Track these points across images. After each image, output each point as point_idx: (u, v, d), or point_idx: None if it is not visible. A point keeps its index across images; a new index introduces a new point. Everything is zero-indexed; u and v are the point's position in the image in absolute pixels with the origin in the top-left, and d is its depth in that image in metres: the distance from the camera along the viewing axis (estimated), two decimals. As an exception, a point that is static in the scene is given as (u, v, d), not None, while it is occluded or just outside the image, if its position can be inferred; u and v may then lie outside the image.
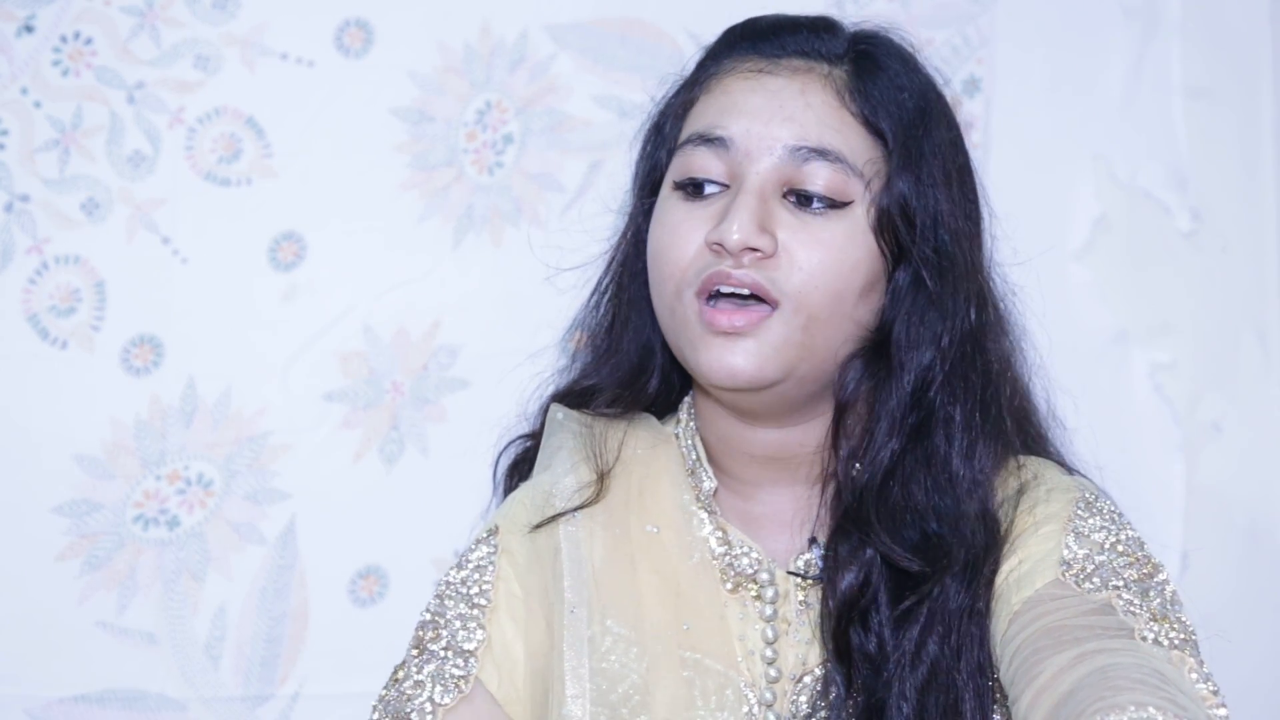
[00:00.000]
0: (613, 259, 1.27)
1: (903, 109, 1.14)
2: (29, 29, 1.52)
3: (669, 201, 1.16)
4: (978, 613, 1.10)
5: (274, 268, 1.59)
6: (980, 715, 1.10)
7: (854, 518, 1.13)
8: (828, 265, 1.10)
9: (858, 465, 1.14)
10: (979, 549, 1.11)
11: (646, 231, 1.19)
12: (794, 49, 1.16)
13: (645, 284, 1.20)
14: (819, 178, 1.11)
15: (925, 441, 1.13)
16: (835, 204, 1.11)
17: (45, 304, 1.54)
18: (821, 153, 1.11)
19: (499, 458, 1.31)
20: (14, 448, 1.53)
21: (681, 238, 1.13)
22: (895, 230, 1.12)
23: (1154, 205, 1.77)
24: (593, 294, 1.29)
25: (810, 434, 1.17)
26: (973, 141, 1.72)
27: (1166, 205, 1.77)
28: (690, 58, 1.24)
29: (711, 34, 1.24)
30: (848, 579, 1.12)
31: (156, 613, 1.56)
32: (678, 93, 1.22)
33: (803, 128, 1.12)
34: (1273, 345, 1.79)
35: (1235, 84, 1.79)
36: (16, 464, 1.53)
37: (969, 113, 1.73)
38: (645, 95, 1.26)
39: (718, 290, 1.11)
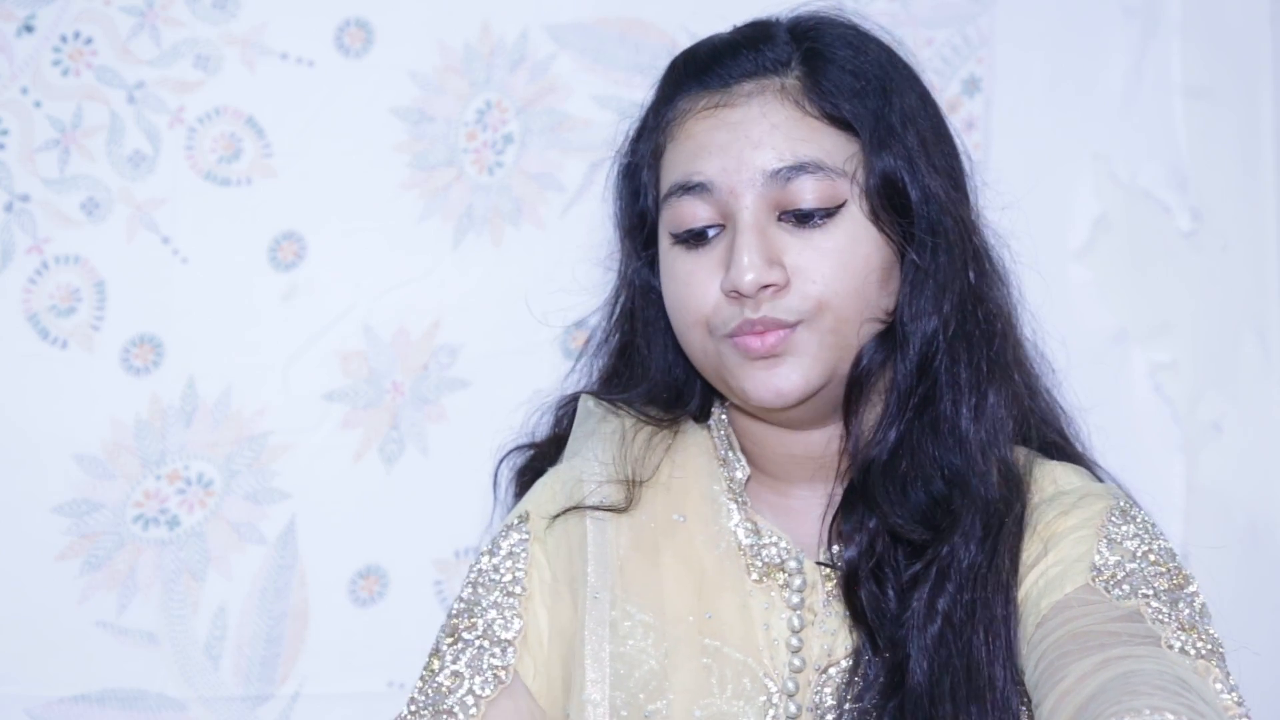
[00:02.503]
0: (614, 310, 1.27)
1: (862, 94, 1.13)
2: (29, 29, 1.52)
3: (672, 254, 1.16)
4: (996, 569, 1.10)
5: (274, 267, 1.59)
6: (1005, 673, 1.08)
7: (860, 492, 1.14)
8: (841, 269, 1.11)
9: (875, 447, 1.14)
10: (994, 506, 1.11)
11: (652, 280, 1.21)
12: (739, 73, 1.15)
13: (661, 331, 1.22)
14: (807, 192, 1.11)
15: (932, 408, 1.13)
16: (830, 211, 1.11)
17: (45, 304, 1.53)
18: (801, 167, 1.11)
19: (499, 468, 1.31)
20: (14, 448, 1.53)
21: (696, 289, 1.13)
22: (890, 211, 1.12)
23: (1154, 205, 1.77)
24: (599, 346, 1.29)
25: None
26: (973, 141, 1.72)
27: (1166, 205, 1.77)
28: (645, 99, 1.23)
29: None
30: (851, 551, 1.13)
31: (156, 613, 1.56)
32: (643, 137, 1.21)
33: (775, 150, 1.11)
34: (1273, 345, 1.79)
35: (1235, 84, 1.79)
36: (16, 464, 1.53)
37: (969, 113, 1.73)
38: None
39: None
